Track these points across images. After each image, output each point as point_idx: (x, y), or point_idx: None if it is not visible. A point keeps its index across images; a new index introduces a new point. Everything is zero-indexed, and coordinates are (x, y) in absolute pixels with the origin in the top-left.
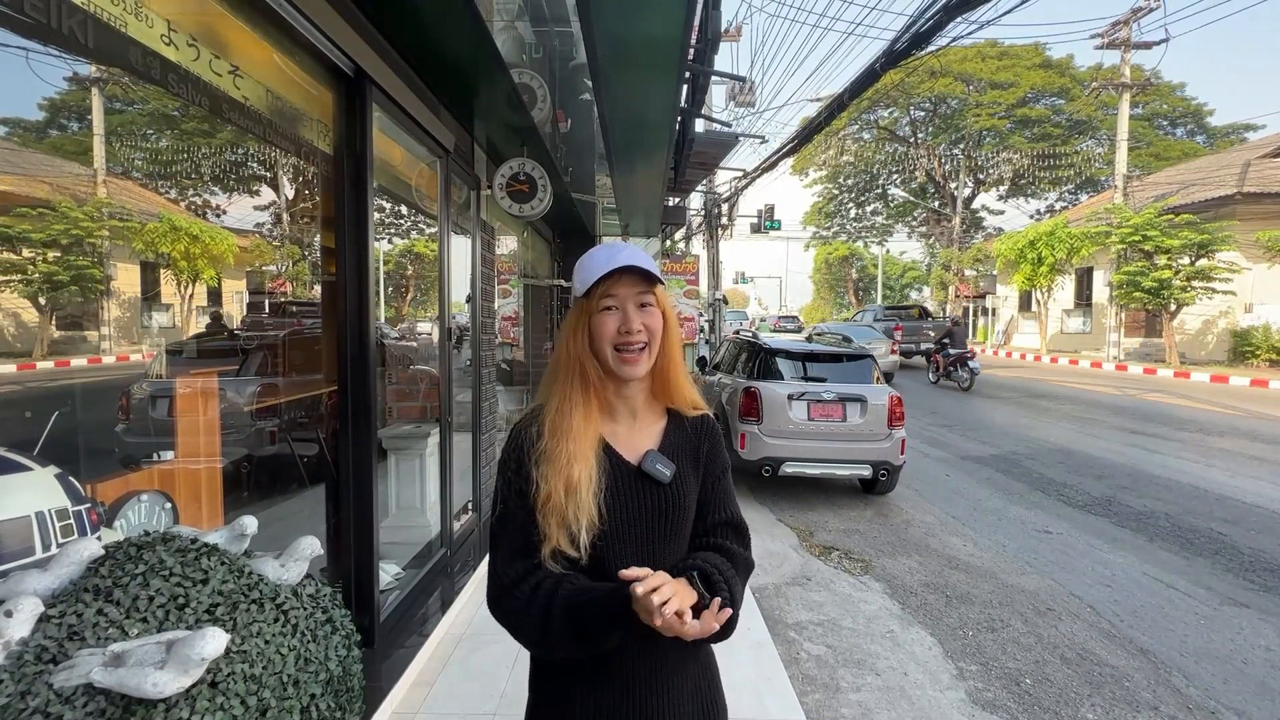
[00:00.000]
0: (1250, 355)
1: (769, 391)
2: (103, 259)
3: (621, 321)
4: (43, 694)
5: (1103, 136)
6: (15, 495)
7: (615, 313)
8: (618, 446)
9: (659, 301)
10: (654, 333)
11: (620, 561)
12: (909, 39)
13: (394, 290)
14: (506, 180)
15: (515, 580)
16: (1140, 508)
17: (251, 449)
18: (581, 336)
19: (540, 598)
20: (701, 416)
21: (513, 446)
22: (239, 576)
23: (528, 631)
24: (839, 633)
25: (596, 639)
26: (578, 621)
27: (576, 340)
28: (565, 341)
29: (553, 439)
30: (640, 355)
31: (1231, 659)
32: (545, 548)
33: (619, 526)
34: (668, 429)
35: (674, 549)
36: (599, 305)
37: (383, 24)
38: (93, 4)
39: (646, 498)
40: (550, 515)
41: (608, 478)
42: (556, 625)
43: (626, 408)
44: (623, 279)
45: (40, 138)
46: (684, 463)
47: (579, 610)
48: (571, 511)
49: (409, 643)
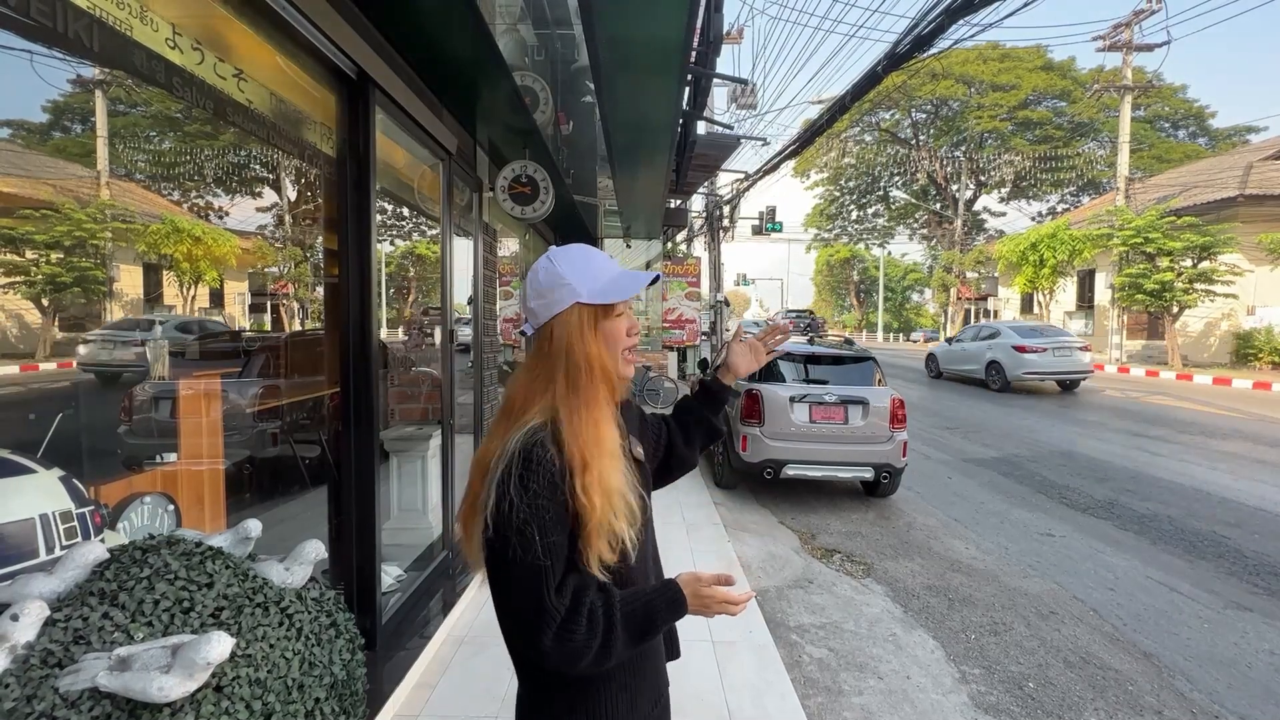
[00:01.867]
0: (1253, 358)
1: (770, 394)
2: (105, 261)
3: (630, 325)
4: (48, 698)
5: (1104, 139)
6: (20, 497)
7: (625, 318)
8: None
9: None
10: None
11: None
12: (911, 41)
13: (395, 292)
14: (509, 182)
15: (570, 615)
16: (1143, 510)
17: (253, 451)
18: (598, 344)
19: (600, 620)
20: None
21: (538, 471)
22: (244, 580)
23: (593, 656)
24: (841, 635)
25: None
26: (640, 629)
27: (595, 348)
28: (584, 350)
29: (587, 449)
30: (637, 356)
31: (1236, 663)
32: (593, 566)
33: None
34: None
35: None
36: (613, 312)
37: (386, 27)
38: (98, 8)
39: (641, 480)
40: (601, 535)
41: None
42: (620, 640)
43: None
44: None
45: (44, 140)
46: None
47: (640, 618)
48: (624, 524)
49: (411, 645)
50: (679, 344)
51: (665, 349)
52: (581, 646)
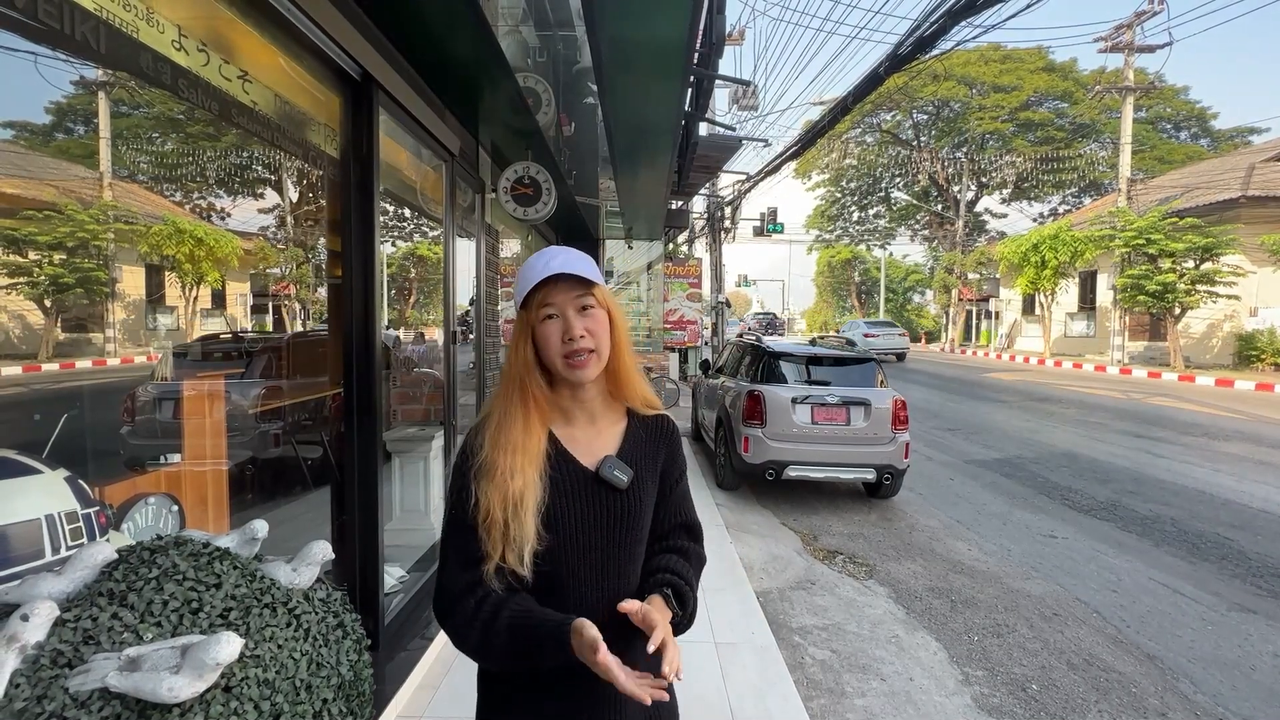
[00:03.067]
0: (1255, 359)
1: (772, 395)
2: (108, 262)
3: (564, 329)
4: (59, 698)
5: (1106, 140)
6: (26, 498)
7: (557, 320)
8: (575, 452)
9: (600, 301)
10: (599, 335)
11: (572, 571)
12: (913, 43)
13: (396, 293)
14: (511, 184)
15: (462, 591)
16: (1146, 512)
17: (256, 451)
18: (524, 348)
19: (484, 615)
20: (658, 418)
21: (462, 454)
22: (251, 581)
23: (469, 644)
24: (843, 637)
25: (536, 662)
26: (520, 644)
27: (519, 353)
28: (509, 355)
29: (493, 451)
30: (589, 359)
31: (1239, 665)
32: (489, 564)
33: (574, 534)
34: (628, 431)
35: (628, 556)
36: (540, 315)
37: (390, 29)
38: (104, 10)
39: (602, 504)
40: (492, 530)
41: (558, 486)
42: (498, 646)
43: (583, 411)
44: (558, 286)
45: (47, 141)
46: (643, 467)
47: (523, 634)
48: (514, 530)
49: (413, 646)
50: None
51: (666, 350)
52: (463, 627)
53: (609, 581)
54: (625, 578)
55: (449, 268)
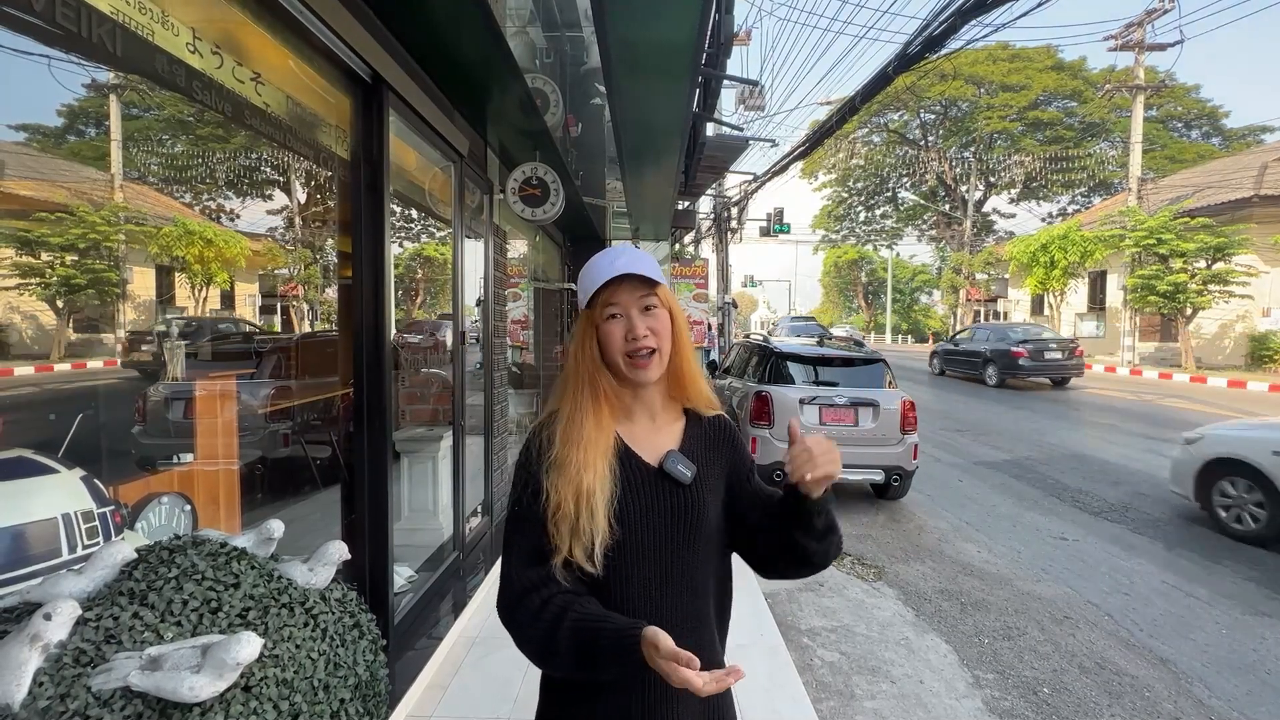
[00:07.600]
0: (1268, 360)
1: (780, 396)
2: (119, 263)
3: (628, 328)
4: (81, 697)
5: (1116, 139)
6: (43, 497)
7: (621, 320)
8: (637, 448)
9: (663, 301)
10: (662, 335)
11: (638, 570)
12: (922, 42)
13: (403, 293)
14: (519, 184)
15: (528, 589)
16: (1157, 514)
17: (266, 451)
18: (590, 346)
19: (549, 614)
20: (717, 416)
21: (528, 450)
22: (269, 580)
23: (532, 644)
24: (853, 639)
25: (598, 670)
26: (583, 649)
27: (585, 350)
28: (575, 352)
29: (564, 446)
30: (651, 359)
31: (1255, 669)
32: (557, 557)
33: (638, 531)
34: (687, 429)
35: (694, 555)
36: (604, 314)
37: (400, 30)
38: (121, 13)
39: (666, 500)
40: (562, 524)
41: (625, 481)
42: (562, 647)
43: (645, 409)
44: (623, 285)
45: (59, 144)
46: (705, 464)
47: (586, 638)
48: (584, 523)
49: (422, 646)
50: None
51: None
52: (527, 626)
53: (673, 584)
54: (691, 580)
55: (457, 268)
